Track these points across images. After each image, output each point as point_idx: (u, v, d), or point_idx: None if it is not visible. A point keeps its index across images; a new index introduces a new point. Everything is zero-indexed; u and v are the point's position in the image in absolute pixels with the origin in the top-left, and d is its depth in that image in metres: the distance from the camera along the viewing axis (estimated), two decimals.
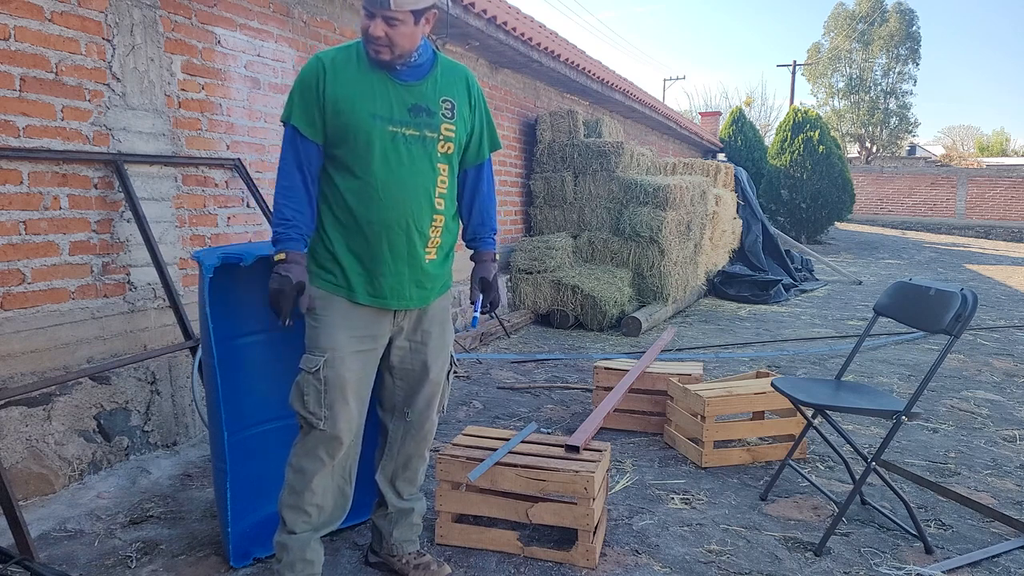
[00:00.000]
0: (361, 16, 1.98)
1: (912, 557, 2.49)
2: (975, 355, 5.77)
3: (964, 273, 12.57)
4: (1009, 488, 3.10)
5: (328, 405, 2.03)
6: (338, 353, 2.04)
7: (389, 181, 2.01)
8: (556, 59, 7.40)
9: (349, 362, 2.05)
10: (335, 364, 2.03)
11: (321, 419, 2.04)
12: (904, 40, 34.05)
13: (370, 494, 2.77)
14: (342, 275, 2.06)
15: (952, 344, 2.52)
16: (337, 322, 2.05)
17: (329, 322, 2.05)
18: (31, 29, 2.91)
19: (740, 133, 18.99)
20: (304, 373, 2.04)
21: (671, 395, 3.60)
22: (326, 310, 2.06)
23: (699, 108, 33.42)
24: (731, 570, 2.40)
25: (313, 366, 2.03)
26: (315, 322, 2.07)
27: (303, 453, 2.10)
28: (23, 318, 2.92)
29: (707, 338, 6.34)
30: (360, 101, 1.98)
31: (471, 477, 2.43)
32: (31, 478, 2.81)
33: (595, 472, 2.39)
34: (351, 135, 1.98)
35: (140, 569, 2.36)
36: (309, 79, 2.00)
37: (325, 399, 2.03)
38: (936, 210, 24.13)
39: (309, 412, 2.04)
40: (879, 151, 35.07)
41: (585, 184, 7.36)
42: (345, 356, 2.05)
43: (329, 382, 2.03)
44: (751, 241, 10.28)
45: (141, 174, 3.39)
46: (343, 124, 1.98)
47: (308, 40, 4.48)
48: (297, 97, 2.01)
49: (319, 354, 2.03)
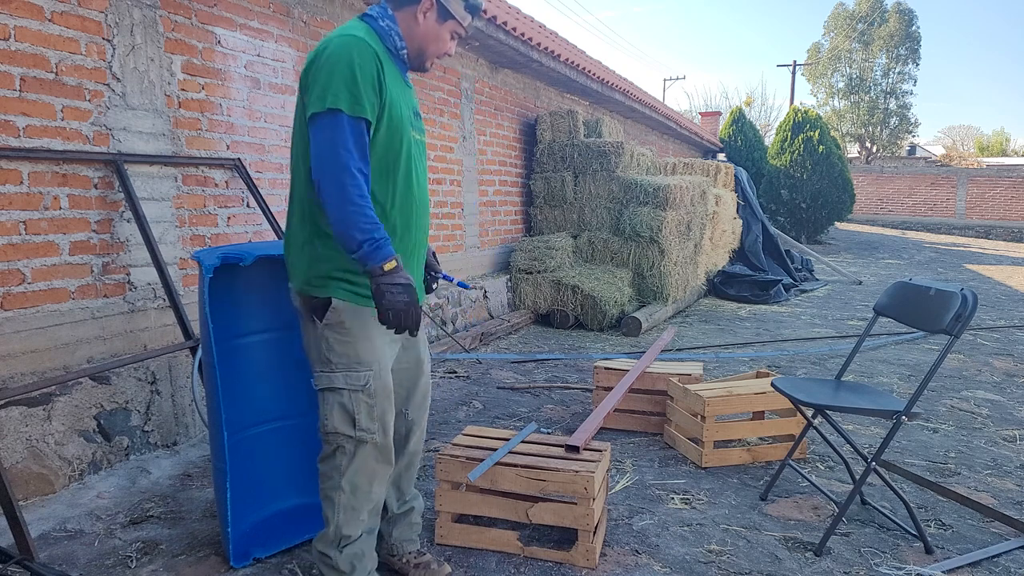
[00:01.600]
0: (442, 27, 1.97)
1: (912, 557, 2.49)
2: (975, 355, 5.77)
3: (964, 273, 12.57)
4: (1009, 488, 3.10)
5: (379, 417, 1.98)
6: (383, 363, 1.99)
7: (419, 187, 2.00)
8: (556, 59, 7.40)
9: (389, 370, 2.03)
10: (381, 375, 1.98)
11: (375, 432, 1.98)
12: (904, 40, 34.05)
13: None
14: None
15: (952, 344, 2.52)
16: (371, 333, 1.95)
17: (364, 334, 1.94)
18: (31, 29, 2.91)
19: (740, 133, 18.98)
20: (348, 392, 1.94)
21: (671, 395, 3.60)
22: (355, 321, 1.93)
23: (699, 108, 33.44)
24: (731, 570, 2.40)
25: (361, 382, 1.94)
26: (345, 336, 1.93)
27: (357, 471, 2.00)
28: (23, 318, 2.92)
29: (707, 338, 6.34)
30: (401, 103, 1.92)
31: (471, 477, 2.43)
32: (31, 478, 2.81)
33: (595, 472, 2.39)
34: (395, 138, 1.89)
35: (140, 569, 2.36)
36: (369, 66, 1.81)
37: (376, 412, 1.97)
38: (936, 210, 24.12)
39: (362, 430, 1.96)
40: (879, 151, 35.07)
41: (585, 184, 7.36)
42: (387, 364, 2.01)
43: (378, 394, 1.97)
44: (751, 241, 10.28)
45: (141, 174, 3.40)
46: (393, 126, 1.88)
47: (308, 40, 4.48)
48: (361, 84, 1.78)
49: (363, 368, 1.94)
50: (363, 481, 2.02)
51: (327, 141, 1.78)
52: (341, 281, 1.91)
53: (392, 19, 1.96)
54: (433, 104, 6.00)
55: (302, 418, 2.82)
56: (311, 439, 2.83)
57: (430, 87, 5.93)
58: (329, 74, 1.78)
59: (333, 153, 1.77)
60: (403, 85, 1.99)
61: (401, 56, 1.99)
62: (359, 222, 1.77)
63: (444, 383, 4.72)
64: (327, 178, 1.78)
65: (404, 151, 1.92)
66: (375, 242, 1.78)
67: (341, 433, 1.96)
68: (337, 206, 1.78)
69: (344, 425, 1.96)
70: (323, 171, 1.79)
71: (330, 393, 1.96)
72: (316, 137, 1.80)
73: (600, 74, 8.80)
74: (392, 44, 1.96)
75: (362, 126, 1.80)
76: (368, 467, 2.01)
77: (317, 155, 1.80)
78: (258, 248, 2.38)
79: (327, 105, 1.76)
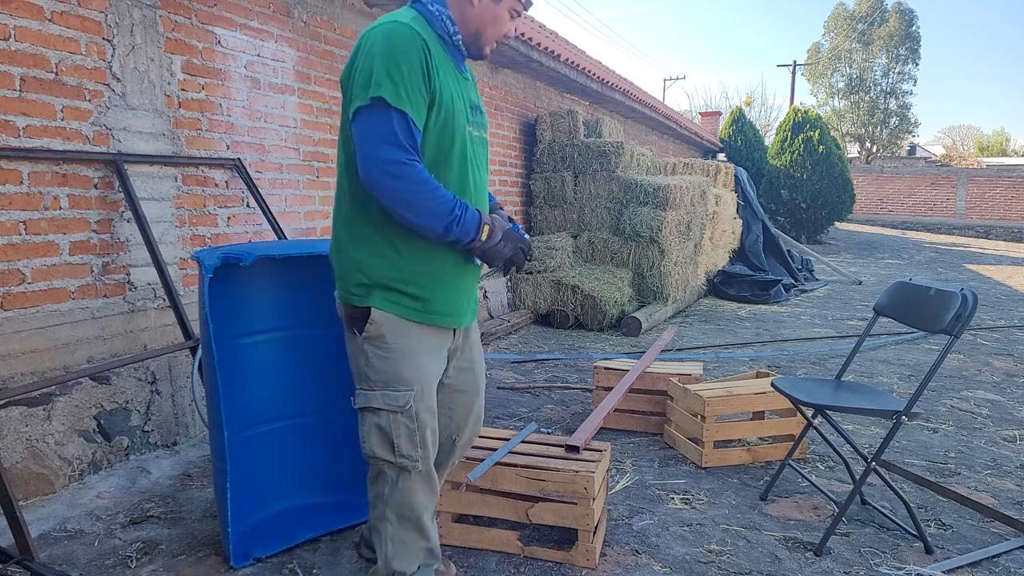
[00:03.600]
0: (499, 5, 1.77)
1: (912, 557, 2.49)
2: (975, 355, 5.77)
3: (964, 273, 12.57)
4: (1009, 488, 3.10)
5: (422, 443, 1.81)
6: (427, 383, 1.81)
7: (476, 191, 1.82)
8: (556, 59, 7.40)
9: (435, 390, 1.85)
10: (425, 395, 1.80)
11: (417, 459, 1.80)
12: (904, 40, 34.06)
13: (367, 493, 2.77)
14: (419, 295, 1.77)
15: (952, 344, 2.52)
16: (415, 348, 1.78)
17: (407, 350, 1.77)
18: (31, 29, 2.91)
19: (740, 133, 18.98)
20: (387, 413, 1.77)
21: (671, 395, 3.60)
22: (398, 337, 1.76)
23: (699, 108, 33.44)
24: (731, 570, 2.40)
25: (401, 403, 1.76)
26: (385, 351, 1.76)
27: (401, 502, 1.84)
28: (23, 318, 2.92)
29: (707, 338, 6.34)
30: (455, 94, 1.73)
31: (471, 477, 2.43)
32: (31, 478, 2.81)
33: (595, 472, 2.39)
34: (448, 136, 1.72)
35: (140, 569, 2.36)
36: (414, 56, 1.62)
37: (418, 437, 1.79)
38: (936, 210, 24.12)
39: (402, 456, 1.79)
40: (879, 151, 35.07)
41: (585, 184, 7.36)
42: (432, 384, 1.83)
43: (420, 417, 1.79)
44: (751, 241, 10.28)
45: (141, 174, 3.40)
46: (444, 123, 1.70)
47: (308, 40, 4.48)
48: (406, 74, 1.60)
49: (404, 388, 1.76)
50: (410, 512, 1.85)
51: (374, 134, 1.61)
52: (383, 290, 1.75)
53: (442, 2, 1.77)
54: None
55: (302, 418, 2.82)
56: (311, 439, 2.84)
57: None
58: (370, 64, 1.61)
59: (382, 147, 1.60)
60: (457, 76, 1.79)
61: (455, 43, 1.79)
62: (434, 205, 1.63)
63: None
64: (380, 174, 1.61)
65: (457, 149, 1.74)
66: (460, 218, 1.66)
67: (380, 458, 1.81)
68: (402, 201, 1.63)
69: (383, 450, 1.79)
70: (373, 168, 1.61)
71: (368, 413, 1.80)
72: (361, 132, 1.63)
73: (600, 74, 8.80)
74: (444, 30, 1.76)
75: (409, 119, 1.62)
76: (414, 498, 1.84)
77: (365, 153, 1.62)
78: (258, 248, 2.38)
79: (371, 95, 1.60)
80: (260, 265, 2.59)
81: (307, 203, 4.55)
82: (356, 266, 1.77)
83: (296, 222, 4.45)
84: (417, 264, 1.76)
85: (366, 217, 1.75)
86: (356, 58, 1.67)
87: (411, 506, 1.85)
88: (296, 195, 4.45)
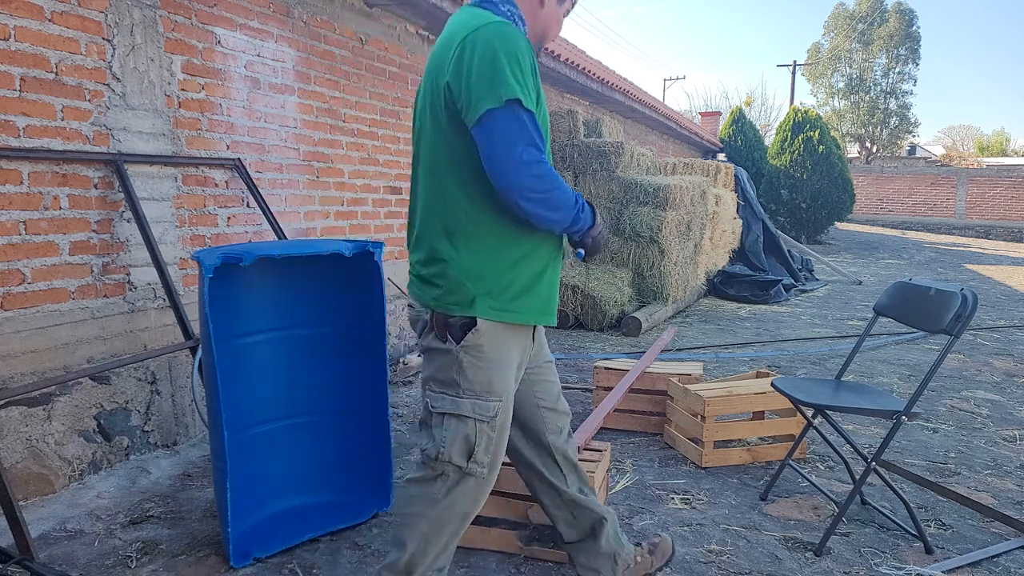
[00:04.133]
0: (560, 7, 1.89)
1: (912, 557, 2.49)
2: (975, 355, 5.77)
3: (964, 273, 12.57)
4: (1009, 488, 3.10)
5: (494, 453, 1.81)
6: (511, 394, 1.82)
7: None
8: (556, 59, 7.40)
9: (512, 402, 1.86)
10: (508, 407, 1.82)
11: (485, 467, 1.80)
12: (904, 40, 34.07)
13: (367, 493, 2.77)
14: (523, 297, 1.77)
15: (952, 344, 2.52)
16: (507, 358, 1.79)
17: (500, 361, 1.77)
18: (31, 29, 2.91)
19: (740, 133, 18.99)
20: (475, 422, 1.76)
21: (671, 395, 3.60)
22: (495, 347, 1.76)
23: (699, 108, 33.46)
24: (731, 570, 2.40)
25: (491, 413, 1.76)
26: (481, 361, 1.75)
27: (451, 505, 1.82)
28: (23, 318, 2.92)
29: (707, 338, 6.34)
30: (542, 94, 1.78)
31: None
32: (31, 478, 2.81)
33: (595, 472, 2.39)
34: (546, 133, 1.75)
35: (140, 569, 2.36)
36: (528, 56, 1.65)
37: (493, 446, 1.80)
38: (936, 210, 24.13)
39: (475, 463, 1.78)
40: (879, 151, 35.08)
41: (585, 184, 7.36)
42: (512, 397, 1.84)
43: (501, 428, 1.80)
44: (751, 241, 10.28)
45: (141, 174, 3.40)
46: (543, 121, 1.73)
47: (308, 40, 4.48)
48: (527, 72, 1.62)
49: (494, 399, 1.77)
50: (451, 517, 1.84)
51: (512, 136, 1.58)
52: (486, 297, 1.73)
53: (512, 4, 1.80)
54: None
55: (302, 418, 2.83)
56: (311, 439, 2.84)
57: None
58: (493, 65, 1.58)
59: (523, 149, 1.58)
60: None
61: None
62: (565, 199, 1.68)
63: None
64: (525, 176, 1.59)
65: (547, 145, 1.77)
66: (582, 207, 1.74)
67: (453, 463, 1.78)
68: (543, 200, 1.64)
69: (460, 456, 1.77)
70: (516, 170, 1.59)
71: (453, 420, 1.77)
72: (496, 134, 1.58)
73: (600, 74, 8.81)
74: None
75: (535, 118, 1.63)
76: (465, 503, 1.83)
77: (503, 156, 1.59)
78: (258, 248, 2.38)
79: (504, 98, 1.56)
80: (260, 265, 2.59)
81: (307, 203, 4.55)
82: (465, 275, 1.73)
83: (296, 222, 4.46)
84: (522, 265, 1.76)
85: (476, 223, 1.72)
86: (465, 59, 1.62)
87: (459, 512, 1.84)
88: (296, 195, 4.45)
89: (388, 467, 2.74)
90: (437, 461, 1.79)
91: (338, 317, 2.78)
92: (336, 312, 2.77)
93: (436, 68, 1.71)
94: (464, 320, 1.73)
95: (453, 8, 5.22)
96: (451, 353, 1.75)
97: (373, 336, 2.72)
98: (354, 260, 2.63)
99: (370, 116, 5.13)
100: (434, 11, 5.15)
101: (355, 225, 5.03)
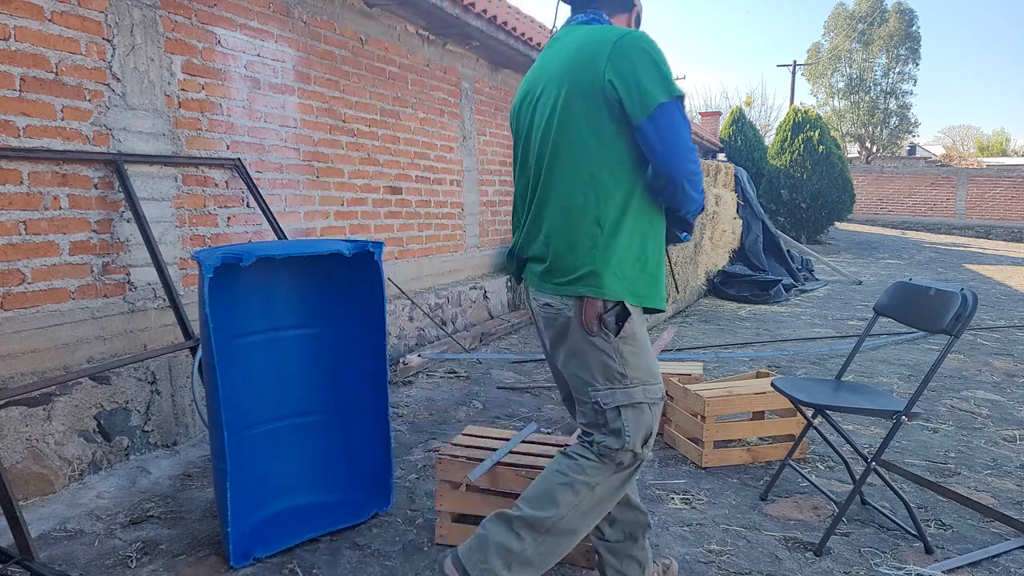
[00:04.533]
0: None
1: (912, 557, 2.49)
2: (975, 355, 5.77)
3: (964, 273, 12.57)
4: (1009, 488, 3.10)
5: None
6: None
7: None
8: None
9: None
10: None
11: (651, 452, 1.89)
12: (904, 40, 34.07)
13: (367, 493, 2.77)
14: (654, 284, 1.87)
15: (952, 344, 2.52)
16: (648, 342, 1.89)
17: (646, 343, 1.88)
18: (31, 29, 2.91)
19: (740, 133, 18.98)
20: (648, 406, 1.83)
21: (671, 395, 3.60)
22: (642, 330, 1.86)
23: (699, 108, 33.41)
24: (731, 570, 2.40)
25: (659, 395, 1.85)
26: (636, 347, 1.83)
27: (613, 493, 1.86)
28: (23, 318, 2.92)
29: (707, 338, 6.34)
30: None
31: (471, 477, 2.43)
32: (31, 478, 2.81)
33: None
34: None
35: (140, 569, 2.36)
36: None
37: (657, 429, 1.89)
38: (936, 210, 24.13)
39: (648, 448, 1.86)
40: (879, 151, 35.08)
41: None
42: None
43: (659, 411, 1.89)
44: (751, 241, 10.28)
45: (141, 174, 3.40)
46: None
47: (308, 40, 4.49)
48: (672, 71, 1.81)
49: (655, 380, 1.86)
50: (610, 502, 1.88)
51: (682, 129, 1.76)
52: (631, 283, 1.82)
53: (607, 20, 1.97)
54: (433, 104, 5.99)
55: (302, 418, 2.82)
56: (311, 439, 2.84)
57: (430, 87, 5.93)
58: (655, 64, 1.75)
59: (689, 140, 1.78)
60: None
61: None
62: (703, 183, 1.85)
63: (444, 383, 4.72)
64: (693, 164, 1.76)
65: None
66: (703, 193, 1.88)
67: (636, 452, 1.82)
68: (699, 185, 1.81)
69: (640, 443, 1.82)
70: (686, 159, 1.75)
71: (631, 410, 1.81)
72: (669, 126, 1.74)
73: None
74: None
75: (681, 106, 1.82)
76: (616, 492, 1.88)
77: (677, 147, 1.74)
78: (258, 248, 2.38)
79: (674, 94, 1.74)
80: (260, 265, 2.59)
81: (307, 203, 4.55)
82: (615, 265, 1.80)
83: (296, 222, 4.46)
84: (650, 253, 1.85)
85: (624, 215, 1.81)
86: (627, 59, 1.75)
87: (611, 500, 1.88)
88: (296, 195, 4.45)
89: (388, 467, 2.74)
90: (621, 451, 1.81)
91: (338, 317, 2.78)
92: (336, 312, 2.78)
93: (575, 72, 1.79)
94: (617, 311, 1.79)
95: (453, 8, 5.22)
96: (610, 345, 1.80)
97: (373, 336, 2.73)
98: (354, 260, 2.64)
99: (370, 116, 5.13)
100: (434, 11, 5.15)
101: (355, 225, 5.03)
